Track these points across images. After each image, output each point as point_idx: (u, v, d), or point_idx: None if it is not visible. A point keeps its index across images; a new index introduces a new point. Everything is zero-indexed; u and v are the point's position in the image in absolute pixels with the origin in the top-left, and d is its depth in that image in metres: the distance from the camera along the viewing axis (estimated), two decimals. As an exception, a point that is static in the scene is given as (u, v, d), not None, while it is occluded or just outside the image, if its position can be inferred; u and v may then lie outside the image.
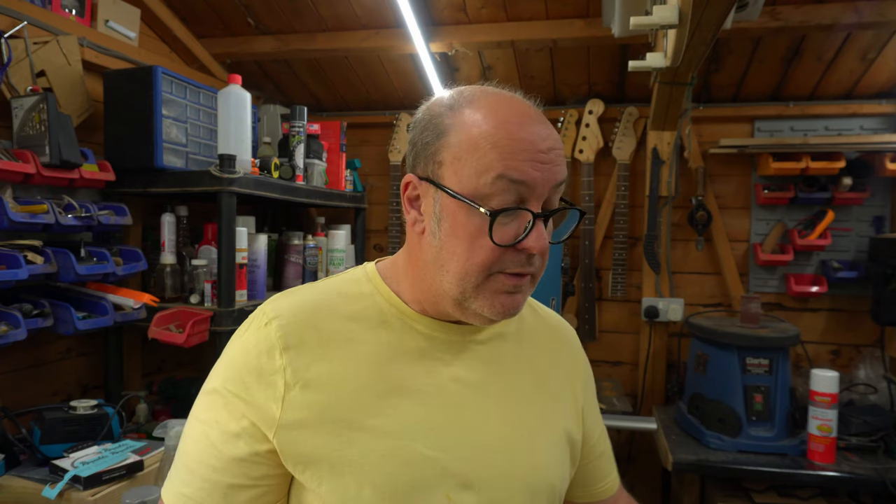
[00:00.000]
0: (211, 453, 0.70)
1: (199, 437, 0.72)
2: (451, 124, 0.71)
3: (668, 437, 2.05)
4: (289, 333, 0.71)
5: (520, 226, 0.68)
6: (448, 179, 0.70)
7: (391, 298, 0.77)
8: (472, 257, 0.69)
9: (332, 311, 0.75)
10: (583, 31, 2.11)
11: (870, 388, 2.19)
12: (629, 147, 2.51)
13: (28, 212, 1.43)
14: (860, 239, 2.40)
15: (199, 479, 0.70)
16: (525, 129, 0.69)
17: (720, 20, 1.07)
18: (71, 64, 1.69)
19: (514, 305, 0.71)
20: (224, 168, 1.71)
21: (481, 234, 0.68)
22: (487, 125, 0.69)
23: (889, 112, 2.34)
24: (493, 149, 0.67)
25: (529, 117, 0.70)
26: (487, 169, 0.67)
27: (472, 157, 0.68)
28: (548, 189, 0.69)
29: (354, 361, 0.72)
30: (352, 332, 0.74)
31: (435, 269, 0.72)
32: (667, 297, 2.51)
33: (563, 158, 0.72)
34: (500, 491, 0.73)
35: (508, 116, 0.69)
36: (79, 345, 1.85)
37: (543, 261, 0.72)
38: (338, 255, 2.37)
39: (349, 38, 2.30)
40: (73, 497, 1.27)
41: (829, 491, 1.96)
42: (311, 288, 0.79)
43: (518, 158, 0.67)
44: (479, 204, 0.68)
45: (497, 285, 0.70)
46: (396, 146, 2.74)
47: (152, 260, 1.88)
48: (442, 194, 0.71)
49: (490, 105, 0.71)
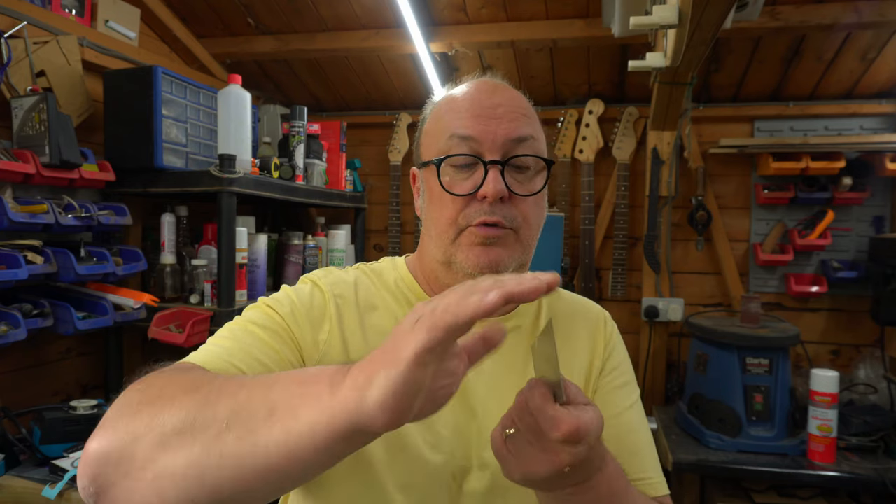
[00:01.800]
0: (249, 339, 0.71)
1: (237, 330, 0.73)
2: (429, 112, 0.83)
3: (668, 437, 2.05)
4: (336, 293, 0.78)
5: (477, 179, 0.74)
6: (424, 156, 0.80)
7: (412, 285, 0.83)
8: (440, 215, 0.75)
9: (369, 288, 0.82)
10: (583, 31, 2.11)
11: (870, 388, 2.19)
12: (629, 147, 2.51)
13: (28, 212, 1.43)
14: (860, 239, 2.40)
15: (229, 343, 0.70)
16: (479, 93, 0.77)
17: (720, 20, 1.07)
18: (71, 64, 1.69)
19: (492, 259, 0.73)
20: (224, 168, 1.71)
21: (443, 190, 0.74)
22: (449, 97, 0.80)
23: (889, 112, 2.34)
24: (448, 113, 0.77)
25: (488, 86, 0.79)
26: (443, 130, 0.76)
27: (435, 129, 0.79)
28: (501, 141, 0.74)
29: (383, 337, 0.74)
30: (382, 309, 0.80)
31: (426, 238, 0.80)
32: (667, 297, 2.51)
33: (525, 118, 0.76)
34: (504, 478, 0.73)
35: (469, 87, 0.79)
36: (79, 345, 1.85)
37: (517, 212, 0.74)
38: (338, 255, 2.37)
39: (349, 38, 2.30)
40: (73, 497, 1.27)
41: (829, 491, 1.96)
42: (347, 269, 0.86)
43: (465, 115, 0.75)
44: (438, 158, 0.75)
45: (470, 238, 0.74)
46: (396, 146, 2.73)
47: (152, 260, 1.88)
48: (423, 171, 0.80)
49: (459, 88, 0.80)
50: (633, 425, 0.83)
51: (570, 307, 0.90)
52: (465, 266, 0.74)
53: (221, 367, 0.65)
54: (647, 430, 0.85)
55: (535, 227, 0.77)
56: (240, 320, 0.76)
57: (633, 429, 0.83)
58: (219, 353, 0.68)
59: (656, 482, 0.80)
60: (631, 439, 0.82)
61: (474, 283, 0.44)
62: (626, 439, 0.81)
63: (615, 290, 2.56)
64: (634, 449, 0.81)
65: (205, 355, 0.68)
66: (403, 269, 0.85)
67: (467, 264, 0.74)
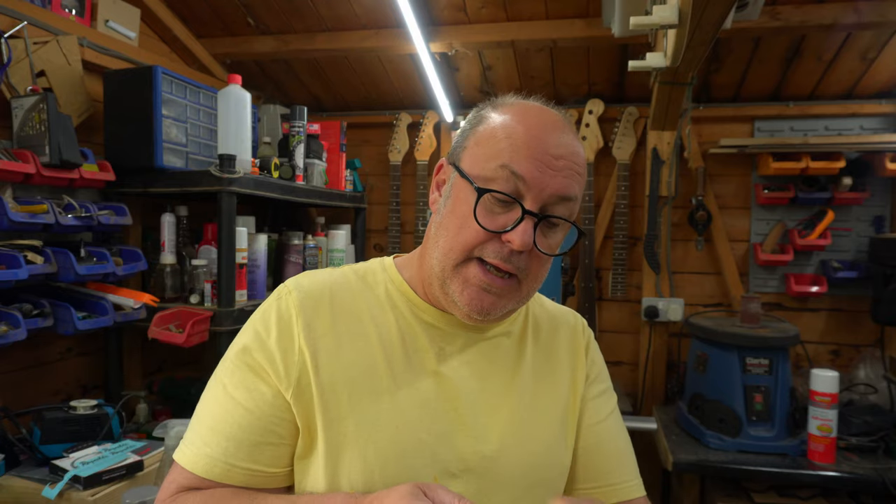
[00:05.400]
0: (236, 411, 0.72)
1: (222, 398, 0.74)
2: (484, 117, 0.77)
3: (668, 437, 2.05)
4: (305, 304, 0.76)
5: (509, 219, 0.71)
6: (464, 162, 0.75)
7: (401, 286, 0.81)
8: (459, 235, 0.72)
9: (348, 292, 0.79)
10: (583, 31, 2.11)
11: (870, 388, 2.18)
12: (629, 147, 2.51)
13: (28, 212, 1.43)
14: (860, 239, 2.40)
15: (223, 437, 0.72)
16: (544, 132, 0.72)
17: (720, 20, 1.07)
18: (71, 64, 1.69)
19: (486, 304, 0.72)
20: (224, 168, 1.71)
21: (473, 214, 0.71)
22: (511, 121, 0.74)
23: (889, 112, 2.34)
24: (506, 139, 0.72)
25: (554, 125, 0.74)
26: (496, 156, 0.72)
27: (487, 144, 0.73)
28: (547, 194, 0.71)
29: (362, 341, 0.76)
30: (362, 313, 0.78)
31: (432, 244, 0.76)
32: (667, 297, 2.51)
33: (578, 176, 0.73)
34: (489, 482, 0.74)
35: (533, 119, 0.74)
36: (79, 345, 1.85)
37: (530, 266, 0.73)
38: (338, 255, 2.37)
39: (349, 38, 2.30)
40: (73, 497, 1.27)
41: (829, 491, 1.95)
42: (332, 271, 0.84)
43: (525, 153, 0.71)
44: (482, 186, 0.71)
45: (472, 272, 0.72)
46: (396, 146, 2.73)
47: (152, 260, 1.88)
48: (456, 174, 0.75)
49: (524, 108, 0.76)
50: (613, 432, 0.87)
51: (550, 315, 0.91)
52: (458, 301, 0.73)
53: (221, 473, 0.71)
54: (626, 434, 0.90)
55: (539, 282, 0.76)
56: (220, 394, 0.75)
57: (614, 435, 0.87)
58: (215, 455, 0.71)
59: (635, 485, 0.86)
60: (612, 445, 0.86)
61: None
62: (609, 446, 0.86)
63: (615, 290, 2.56)
64: (616, 454, 0.86)
65: (203, 463, 0.71)
66: (393, 272, 0.83)
67: (460, 300, 0.73)
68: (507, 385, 0.80)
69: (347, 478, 0.71)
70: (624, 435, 0.89)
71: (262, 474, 0.73)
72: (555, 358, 0.86)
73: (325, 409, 0.72)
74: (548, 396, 0.83)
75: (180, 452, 0.74)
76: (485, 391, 0.78)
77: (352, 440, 0.71)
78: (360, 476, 0.70)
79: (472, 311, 0.72)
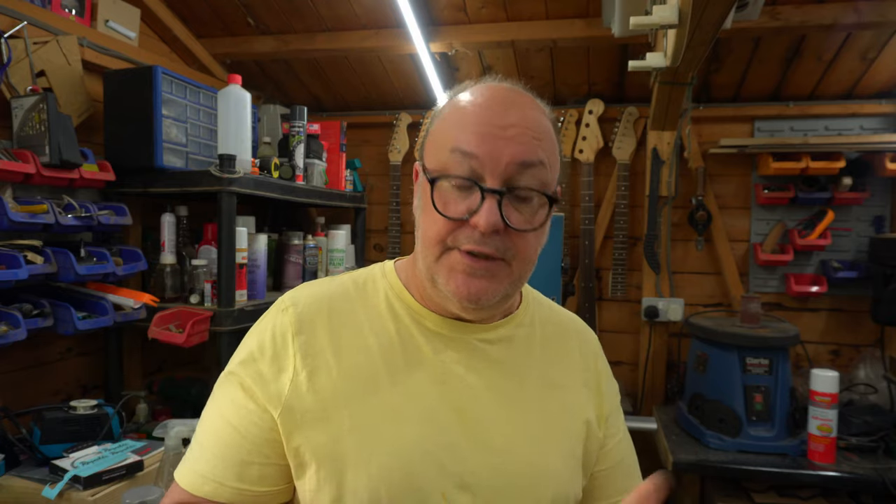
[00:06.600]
0: (224, 430, 0.72)
1: (213, 416, 0.74)
2: (441, 109, 0.75)
3: (668, 437, 2.05)
4: (302, 321, 0.74)
5: (473, 202, 0.68)
6: (426, 158, 0.74)
7: (402, 294, 0.79)
8: (429, 230, 0.70)
9: (347, 304, 0.77)
10: (583, 31, 2.11)
11: (870, 388, 2.18)
12: (629, 147, 2.51)
13: (28, 212, 1.43)
14: (860, 239, 2.40)
15: (211, 455, 0.72)
16: (491, 106, 0.70)
17: (720, 20, 1.07)
18: (71, 64, 1.69)
19: (475, 290, 0.69)
20: (224, 168, 1.71)
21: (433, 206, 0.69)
22: (460, 104, 0.72)
23: (889, 112, 2.34)
24: (456, 124, 0.70)
25: (504, 98, 0.71)
26: (446, 142, 0.70)
27: (440, 133, 0.72)
28: (504, 164, 0.67)
29: (363, 354, 0.74)
30: (362, 325, 0.76)
31: (417, 246, 0.75)
32: (667, 297, 2.51)
33: (536, 141, 0.69)
34: (498, 494, 0.71)
35: (481, 97, 0.71)
36: (79, 345, 1.85)
37: (513, 245, 0.69)
38: (338, 255, 2.37)
39: (349, 38, 2.30)
40: (73, 497, 1.27)
41: (829, 491, 1.95)
42: (331, 280, 0.82)
43: (471, 129, 0.68)
44: (434, 175, 0.69)
45: (452, 261, 0.70)
46: (396, 146, 2.73)
47: (152, 260, 1.88)
48: (422, 175, 0.73)
49: (475, 90, 0.73)
50: (629, 447, 0.88)
51: (556, 319, 0.88)
52: (447, 291, 0.70)
53: (211, 491, 0.70)
54: (631, 440, 0.90)
55: (531, 259, 0.72)
56: (212, 412, 0.75)
57: (630, 451, 0.88)
58: (205, 473, 0.71)
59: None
60: (630, 461, 0.87)
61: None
62: (627, 461, 0.86)
63: (615, 290, 2.56)
64: (632, 469, 0.87)
65: (195, 481, 0.72)
66: (393, 277, 0.80)
67: (448, 290, 0.70)
68: (514, 392, 0.77)
69: (353, 495, 0.68)
70: (631, 443, 0.89)
71: (251, 493, 0.71)
72: (564, 365, 0.83)
73: (326, 426, 0.70)
74: (557, 403, 0.79)
75: (178, 468, 0.74)
76: (491, 399, 0.75)
77: (354, 456, 0.69)
78: (366, 493, 0.68)
79: (462, 298, 0.69)
